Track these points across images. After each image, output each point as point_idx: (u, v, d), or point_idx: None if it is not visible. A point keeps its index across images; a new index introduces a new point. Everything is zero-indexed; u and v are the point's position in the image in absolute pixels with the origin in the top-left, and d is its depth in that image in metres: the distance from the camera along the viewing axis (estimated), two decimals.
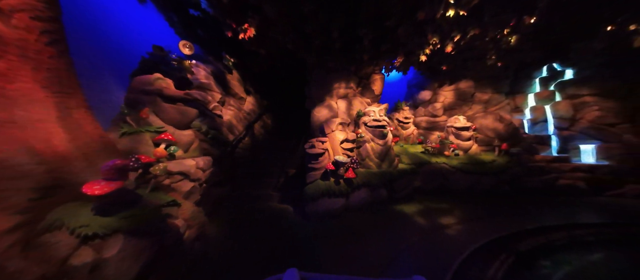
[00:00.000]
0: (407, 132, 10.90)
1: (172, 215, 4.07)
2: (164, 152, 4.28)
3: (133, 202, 3.49)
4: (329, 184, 6.32)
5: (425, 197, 7.92)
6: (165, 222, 3.85)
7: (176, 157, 4.59)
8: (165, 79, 5.02)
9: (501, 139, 9.02)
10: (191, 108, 5.18)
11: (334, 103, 8.56)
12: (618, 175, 7.17)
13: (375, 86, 9.55)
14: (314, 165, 6.56)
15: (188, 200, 4.62)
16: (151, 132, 4.49)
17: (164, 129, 4.62)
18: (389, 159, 7.95)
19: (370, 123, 7.97)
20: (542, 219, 5.77)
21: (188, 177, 4.59)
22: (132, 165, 3.63)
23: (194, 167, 4.72)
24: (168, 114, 4.80)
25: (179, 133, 4.92)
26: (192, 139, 5.27)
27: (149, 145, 4.43)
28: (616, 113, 7.70)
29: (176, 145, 4.63)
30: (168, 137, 4.45)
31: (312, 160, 6.60)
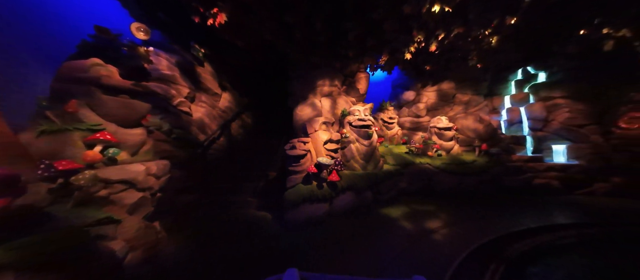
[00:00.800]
0: (391, 133, 10.57)
1: (106, 236, 3.12)
2: (99, 156, 3.30)
3: (38, 225, 2.51)
4: (311, 188, 5.64)
5: (410, 198, 7.56)
6: (93, 246, 2.90)
7: (118, 162, 3.61)
8: (107, 66, 3.99)
9: (481, 139, 9.00)
10: (140, 102, 4.19)
11: (318, 101, 7.91)
12: (587, 174, 7.37)
13: (361, 85, 9.08)
14: (295, 167, 5.84)
15: (134, 214, 3.66)
16: (82, 130, 3.46)
17: (101, 127, 3.61)
18: (374, 160, 7.47)
19: (355, 123, 7.44)
20: (525, 220, 5.61)
21: (134, 185, 3.63)
22: (41, 174, 2.64)
23: (144, 174, 3.76)
24: (109, 108, 3.78)
25: (124, 132, 3.91)
26: (143, 139, 4.28)
27: (78, 147, 3.41)
28: (585, 115, 7.97)
29: (118, 146, 3.65)
30: (105, 137, 3.46)
31: (293, 162, 5.87)
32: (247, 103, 10.16)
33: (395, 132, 10.64)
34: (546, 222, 5.34)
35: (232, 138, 8.98)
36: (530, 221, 5.49)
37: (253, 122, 10.55)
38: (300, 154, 5.78)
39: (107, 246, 3.07)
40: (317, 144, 6.41)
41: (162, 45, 6.35)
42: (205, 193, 6.79)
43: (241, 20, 5.83)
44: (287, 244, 4.82)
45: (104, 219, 3.09)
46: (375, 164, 7.46)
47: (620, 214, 5.60)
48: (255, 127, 10.44)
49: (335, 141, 6.83)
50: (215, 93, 8.02)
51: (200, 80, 7.47)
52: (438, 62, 8.71)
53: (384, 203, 6.98)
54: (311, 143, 6.38)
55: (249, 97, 10.33)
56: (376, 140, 7.67)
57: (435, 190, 8.09)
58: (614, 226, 4.56)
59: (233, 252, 4.49)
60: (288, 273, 1.52)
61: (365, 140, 7.37)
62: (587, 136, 7.87)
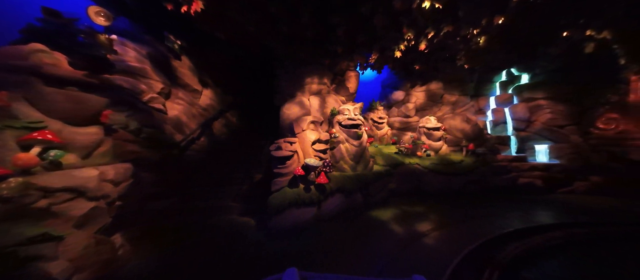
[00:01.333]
0: (381, 133, 10.40)
1: (42, 257, 2.54)
2: (34, 160, 2.70)
3: None
4: (298, 192, 5.24)
5: (400, 199, 7.36)
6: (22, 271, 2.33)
7: (63, 166, 3.01)
8: (52, 53, 3.36)
9: (468, 139, 9.02)
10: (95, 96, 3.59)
11: (306, 100, 7.52)
12: (568, 173, 7.55)
13: (350, 83, 8.79)
14: (280, 170, 5.41)
15: (84, 228, 3.07)
16: (16, 128, 2.84)
17: (41, 125, 2.99)
18: (364, 161, 7.20)
19: (345, 122, 7.12)
20: (512, 221, 5.56)
21: (84, 194, 3.05)
22: None
23: (96, 180, 3.18)
24: (52, 102, 3.16)
25: (72, 131, 3.30)
26: (98, 139, 3.67)
27: (10, 149, 2.78)
28: (565, 115, 8.18)
29: (63, 148, 3.05)
30: (45, 137, 2.86)
31: (279, 164, 5.44)
32: (231, 101, 9.55)
33: (385, 132, 10.48)
34: (532, 223, 5.30)
35: (215, 138, 8.36)
36: (517, 222, 5.43)
37: (238, 121, 9.95)
38: (286, 155, 5.36)
39: (43, 269, 2.49)
40: (305, 145, 6.01)
41: (130, 35, 5.67)
42: (182, 198, 6.18)
43: (220, 9, 5.30)
44: (270, 253, 4.39)
45: (38, 236, 2.51)
46: (365, 165, 7.19)
47: (601, 212, 5.70)
48: (241, 127, 9.84)
49: (324, 141, 6.47)
50: (194, 89, 7.39)
51: (177, 75, 6.82)
52: (427, 62, 8.61)
53: (374, 205, 6.71)
54: (298, 143, 5.97)
55: (234, 95, 9.73)
56: (366, 141, 7.41)
57: (424, 191, 7.96)
58: (602, 226, 4.57)
59: (209, 264, 3.99)
60: (288, 273, 1.49)
61: (355, 141, 7.08)
62: (567, 136, 8.09)
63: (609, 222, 4.73)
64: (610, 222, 4.72)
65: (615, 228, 4.49)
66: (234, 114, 9.79)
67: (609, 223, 4.69)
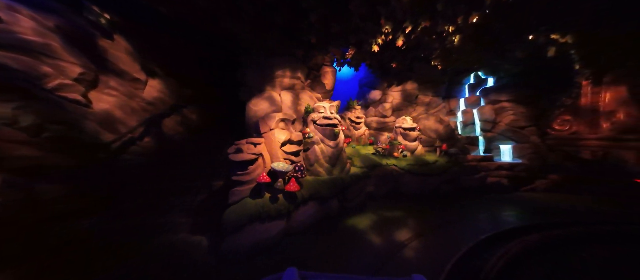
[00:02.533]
0: (358, 133, 9.93)
1: None
2: None
3: None
4: (263, 203, 4.34)
5: (378, 204, 6.90)
6: None
7: None
8: None
9: (441, 140, 9.03)
10: None
11: (277, 95, 6.62)
12: (529, 172, 7.93)
13: (327, 80, 8.11)
14: (241, 177, 4.44)
15: None
16: None
17: None
18: (340, 163, 6.57)
19: (320, 121, 6.40)
20: (484, 223, 5.44)
21: None
22: None
23: None
24: None
25: None
26: None
27: None
28: (526, 117, 8.63)
29: None
30: None
31: (239, 170, 4.46)
32: (190, 95, 8.14)
33: (362, 132, 10.04)
34: (504, 224, 5.22)
35: (166, 138, 6.95)
36: (488, 224, 5.32)
37: (200, 119, 8.56)
38: (248, 159, 4.41)
39: None
40: (273, 146, 5.12)
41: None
42: (112, 215, 4.81)
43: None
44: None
45: None
46: (341, 167, 6.56)
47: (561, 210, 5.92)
48: (203, 126, 8.48)
49: (296, 142, 5.65)
50: (135, 78, 5.94)
51: (108, 58, 5.35)
52: (403, 60, 8.36)
53: (351, 211, 6.11)
54: (264, 145, 5.05)
55: (194, 88, 8.32)
56: (343, 141, 6.78)
57: (401, 193, 7.67)
58: (575, 226, 4.60)
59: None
60: (287, 272, 1.48)
61: (331, 141, 6.40)
62: (528, 137, 8.53)
63: (579, 222, 4.79)
64: (580, 222, 4.79)
65: (585, 228, 4.54)
66: (194, 111, 8.37)
67: (579, 223, 4.75)
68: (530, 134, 8.49)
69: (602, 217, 5.14)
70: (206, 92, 8.71)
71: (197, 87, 8.32)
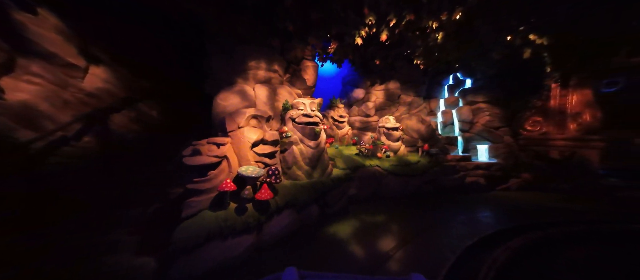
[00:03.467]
0: (342, 132, 9.49)
1: None
2: None
3: None
4: (225, 216, 3.61)
5: (360, 207, 6.47)
6: None
7: None
8: None
9: (423, 140, 8.95)
10: None
11: (250, 89, 5.85)
12: (504, 171, 8.13)
13: (308, 75, 7.49)
14: (198, 185, 3.65)
15: None
16: None
17: None
18: (322, 165, 6.01)
19: (300, 119, 5.78)
20: (466, 226, 5.28)
21: None
22: None
23: None
24: None
25: None
26: None
27: None
28: (500, 118, 8.89)
29: None
30: None
31: (196, 176, 3.68)
32: (148, 88, 6.98)
33: (345, 132, 9.61)
34: (487, 228, 5.08)
35: (115, 138, 5.81)
36: (471, 228, 5.16)
37: (160, 116, 7.42)
38: (207, 162, 3.64)
39: None
40: (241, 147, 4.39)
41: None
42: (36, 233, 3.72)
43: None
44: None
45: None
46: (323, 170, 6.01)
47: (532, 210, 6.01)
48: (164, 124, 7.36)
49: (271, 142, 4.97)
50: (69, 64, 4.77)
51: (28, 36, 4.19)
52: (386, 57, 8.08)
53: (332, 217, 5.59)
54: (230, 146, 4.30)
55: (153, 80, 7.16)
56: (325, 141, 6.23)
57: (383, 195, 7.37)
58: (553, 227, 4.57)
59: None
60: (287, 272, 1.49)
61: (311, 141, 5.81)
62: (502, 137, 8.78)
63: (558, 223, 4.79)
64: (559, 223, 4.78)
65: (563, 228, 4.52)
66: (153, 106, 7.22)
67: (558, 224, 4.75)
68: (504, 134, 8.75)
69: (576, 216, 5.24)
70: (169, 85, 7.58)
71: (156, 78, 7.17)
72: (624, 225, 4.58)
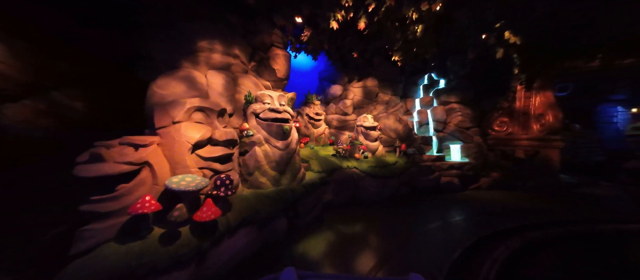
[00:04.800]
0: (318, 131, 8.70)
1: None
2: None
3: None
4: (141, 250, 2.51)
5: (335, 214, 5.75)
6: None
7: None
8: None
9: (401, 139, 8.65)
10: None
11: (200, 75, 4.67)
12: (475, 171, 8.21)
13: (278, 65, 6.50)
14: (99, 206, 2.49)
15: None
16: None
17: None
18: (292, 169, 5.12)
19: (265, 114, 4.80)
20: (458, 236, 4.91)
21: None
22: None
23: None
24: None
25: None
26: None
27: None
28: (471, 118, 9.03)
29: None
30: None
31: (99, 193, 2.51)
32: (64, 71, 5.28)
33: (322, 131, 8.84)
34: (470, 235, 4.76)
35: (10, 137, 4.14)
36: (453, 233, 4.83)
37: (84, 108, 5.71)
38: (112, 172, 2.50)
39: None
40: (176, 149, 3.26)
41: None
42: None
43: None
44: None
45: None
46: (293, 175, 5.12)
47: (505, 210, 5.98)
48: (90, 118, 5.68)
49: (224, 142, 3.92)
50: None
51: None
52: (364, 50, 7.52)
53: (303, 230, 4.74)
54: (157, 147, 3.17)
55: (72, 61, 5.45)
56: (296, 141, 5.35)
57: (360, 198, 6.79)
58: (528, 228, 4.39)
59: None
60: (286, 272, 1.46)
61: (279, 141, 4.88)
62: (472, 137, 8.91)
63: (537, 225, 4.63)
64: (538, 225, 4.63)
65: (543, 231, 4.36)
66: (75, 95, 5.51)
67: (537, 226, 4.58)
68: (474, 134, 8.89)
69: (539, 216, 5.22)
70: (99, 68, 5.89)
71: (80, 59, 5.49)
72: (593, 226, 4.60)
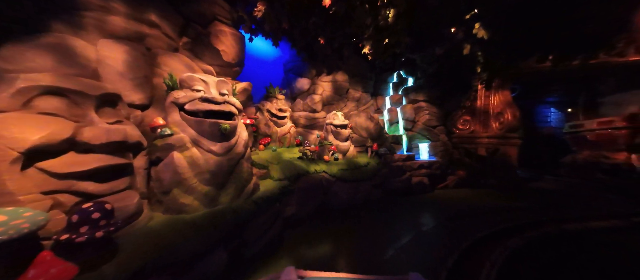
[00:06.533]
0: (282, 131, 7.37)
1: None
2: None
3: None
4: None
5: (299, 232, 4.65)
6: None
7: None
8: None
9: (372, 139, 8.04)
10: None
11: (87, 45, 2.98)
12: (443, 169, 8.15)
13: (224, 44, 5.01)
14: None
15: None
16: None
17: None
18: (237, 181, 3.76)
19: (194, 105, 3.36)
20: (436, 254, 4.35)
21: None
22: None
23: None
24: None
25: None
26: None
27: None
28: (437, 117, 9.03)
29: None
30: None
31: None
32: None
33: (287, 130, 7.53)
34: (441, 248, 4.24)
35: None
36: (431, 247, 4.27)
37: None
38: None
39: None
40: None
41: None
42: None
43: None
44: None
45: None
46: (239, 188, 3.76)
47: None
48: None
49: (106, 147, 2.39)
50: None
51: None
52: (332, 40, 6.59)
53: (252, 262, 3.49)
54: None
55: None
56: (245, 142, 4.01)
57: (330, 207, 5.84)
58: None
59: None
60: (286, 272, 1.50)
61: (215, 143, 3.49)
62: (438, 135, 8.91)
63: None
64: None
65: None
66: None
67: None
68: (440, 132, 8.90)
69: (504, 215, 5.10)
70: None
71: None
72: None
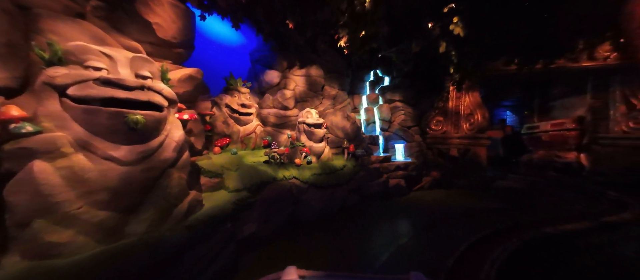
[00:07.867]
0: (246, 130, 6.24)
1: None
2: None
3: None
4: None
5: (259, 255, 3.74)
6: None
7: None
8: None
9: (349, 139, 7.45)
10: None
11: None
12: (418, 170, 8.01)
13: (159, 16, 3.77)
14: None
15: None
16: None
17: None
18: (161, 200, 2.59)
19: (85, 91, 2.12)
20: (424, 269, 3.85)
21: None
22: None
23: None
24: None
25: None
26: None
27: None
28: (412, 117, 8.93)
29: None
30: None
31: None
32: None
33: (252, 129, 6.42)
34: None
35: None
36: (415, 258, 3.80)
37: None
38: None
39: None
40: None
41: None
42: None
43: None
44: None
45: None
46: (163, 210, 2.63)
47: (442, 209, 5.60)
48: None
49: None
50: None
51: None
52: (304, 27, 5.78)
53: None
54: None
55: None
56: (177, 146, 2.91)
57: (300, 220, 5.02)
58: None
59: None
60: (286, 271, 1.45)
61: (117, 148, 2.32)
62: (413, 136, 8.81)
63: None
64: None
65: None
66: None
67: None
68: (415, 133, 8.81)
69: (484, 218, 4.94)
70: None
71: None
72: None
